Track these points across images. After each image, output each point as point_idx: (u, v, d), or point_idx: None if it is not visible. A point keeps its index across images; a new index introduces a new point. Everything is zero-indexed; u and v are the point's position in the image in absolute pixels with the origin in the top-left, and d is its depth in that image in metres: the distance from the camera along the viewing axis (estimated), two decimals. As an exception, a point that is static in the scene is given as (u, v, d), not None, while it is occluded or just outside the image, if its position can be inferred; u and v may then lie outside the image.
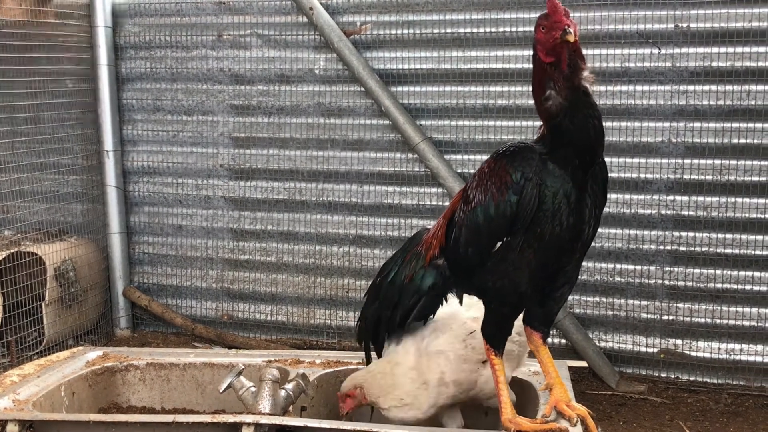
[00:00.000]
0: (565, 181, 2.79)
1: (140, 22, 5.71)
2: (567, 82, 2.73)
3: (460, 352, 3.34)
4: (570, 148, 2.77)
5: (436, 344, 3.36)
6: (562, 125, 2.75)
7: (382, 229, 5.31)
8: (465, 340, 3.35)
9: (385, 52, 5.18)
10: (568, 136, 2.75)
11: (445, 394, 3.35)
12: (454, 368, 3.34)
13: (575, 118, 2.73)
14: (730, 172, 4.64)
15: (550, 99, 2.76)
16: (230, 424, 3.08)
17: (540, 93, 2.79)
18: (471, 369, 3.35)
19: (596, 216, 2.93)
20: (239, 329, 5.67)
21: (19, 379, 3.59)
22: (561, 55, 2.73)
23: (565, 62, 2.73)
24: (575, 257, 2.96)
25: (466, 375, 3.35)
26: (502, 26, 4.93)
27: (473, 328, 3.33)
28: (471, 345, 3.34)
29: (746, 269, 4.66)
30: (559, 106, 2.74)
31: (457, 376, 3.34)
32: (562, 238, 2.84)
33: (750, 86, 4.56)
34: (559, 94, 2.74)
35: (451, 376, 3.34)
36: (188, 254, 5.77)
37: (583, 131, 2.74)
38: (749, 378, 4.71)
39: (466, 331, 3.36)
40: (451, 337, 3.37)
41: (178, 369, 3.98)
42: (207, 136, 5.64)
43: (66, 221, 5.56)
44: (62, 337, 5.32)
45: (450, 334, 3.38)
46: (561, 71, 2.73)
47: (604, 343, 4.95)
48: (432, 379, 3.34)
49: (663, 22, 4.65)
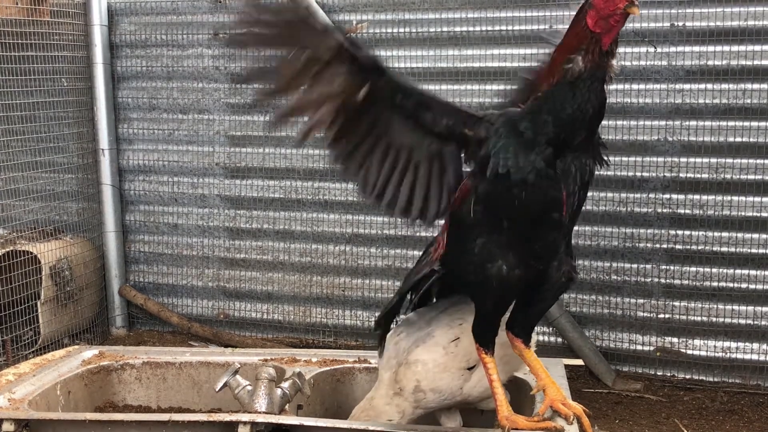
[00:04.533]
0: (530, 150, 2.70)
1: (136, 20, 5.70)
2: (598, 58, 2.64)
3: (440, 360, 3.28)
4: (552, 117, 2.68)
5: (415, 354, 3.30)
6: (563, 91, 2.67)
7: (379, 227, 5.30)
8: (446, 348, 3.29)
9: (381, 50, 5.17)
10: (560, 104, 2.67)
11: (423, 402, 3.31)
12: (431, 377, 3.29)
13: (579, 92, 2.65)
14: (726, 170, 4.65)
15: (572, 62, 2.66)
16: (226, 422, 3.07)
17: (565, 53, 2.70)
18: (453, 376, 3.30)
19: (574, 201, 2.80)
20: (235, 328, 5.67)
21: (15, 378, 3.58)
22: (613, 29, 2.63)
23: (611, 39, 2.64)
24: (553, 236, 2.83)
25: (447, 383, 3.30)
26: (499, 25, 4.93)
27: (457, 335, 3.28)
28: (452, 352, 3.28)
29: (742, 267, 4.66)
30: (577, 73, 2.65)
31: (436, 384, 3.29)
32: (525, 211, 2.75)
33: (746, 85, 4.57)
34: (584, 64, 2.64)
35: (429, 385, 3.29)
36: (184, 253, 5.76)
37: (579, 108, 2.66)
38: (745, 376, 4.72)
39: (449, 339, 3.29)
40: (431, 345, 3.30)
41: (174, 368, 3.97)
42: (203, 134, 5.63)
43: (61, 220, 5.56)
44: (58, 335, 5.31)
45: (431, 342, 3.31)
46: (600, 46, 2.64)
47: (600, 342, 4.95)
48: (407, 387, 3.30)
49: (659, 20, 4.66)
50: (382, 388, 3.37)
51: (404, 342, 3.34)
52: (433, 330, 3.32)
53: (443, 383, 3.30)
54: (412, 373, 3.30)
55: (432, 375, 3.28)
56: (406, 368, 3.31)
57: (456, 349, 3.28)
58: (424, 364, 3.29)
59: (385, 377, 3.36)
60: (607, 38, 2.66)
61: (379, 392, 3.37)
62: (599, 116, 2.74)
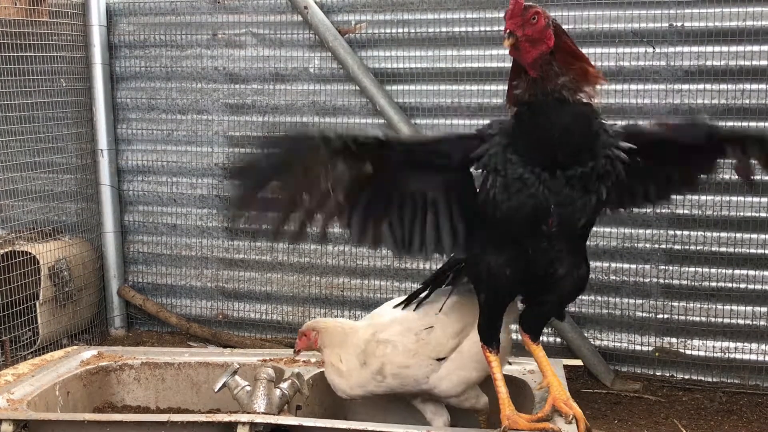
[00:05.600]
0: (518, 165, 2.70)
1: (135, 20, 5.70)
2: (534, 84, 2.64)
3: (410, 346, 3.34)
4: (528, 139, 2.69)
5: (386, 334, 3.38)
6: (522, 115, 2.69)
7: (377, 228, 5.30)
8: (418, 334, 3.35)
9: (380, 50, 5.18)
10: (525, 128, 2.68)
11: (383, 385, 3.37)
12: (398, 361, 3.34)
13: (536, 117, 2.64)
14: (725, 170, 4.64)
15: (519, 88, 2.68)
16: (225, 423, 3.07)
17: (512, 78, 2.73)
18: (421, 363, 3.34)
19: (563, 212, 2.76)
20: (234, 328, 5.67)
21: (14, 378, 3.58)
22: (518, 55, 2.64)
23: (528, 63, 2.63)
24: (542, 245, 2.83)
25: (413, 369, 3.34)
26: (497, 25, 4.93)
27: (431, 324, 3.35)
28: (425, 340, 3.34)
29: (741, 268, 4.67)
30: (521, 98, 2.67)
31: (398, 369, 3.34)
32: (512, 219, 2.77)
33: (744, 85, 4.57)
34: (526, 91, 2.65)
35: (392, 369, 3.35)
36: (183, 253, 5.76)
37: (542, 131, 2.65)
38: (744, 376, 4.72)
39: (423, 325, 3.37)
40: (405, 329, 3.38)
41: (173, 368, 3.97)
42: (202, 134, 5.63)
43: (60, 220, 5.55)
44: (57, 336, 5.31)
45: (406, 326, 3.39)
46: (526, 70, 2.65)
47: (599, 342, 4.95)
48: (372, 365, 3.36)
49: (657, 21, 4.66)
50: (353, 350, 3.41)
51: (387, 317, 3.46)
52: (410, 315, 3.42)
53: (408, 370, 3.34)
54: (381, 353, 3.35)
55: (399, 359, 3.34)
56: (376, 346, 3.37)
57: (428, 337, 3.34)
58: (394, 346, 3.35)
59: (360, 342, 3.40)
60: (525, 63, 2.65)
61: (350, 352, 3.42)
62: (571, 133, 2.66)
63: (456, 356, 3.36)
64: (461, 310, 3.39)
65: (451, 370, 3.35)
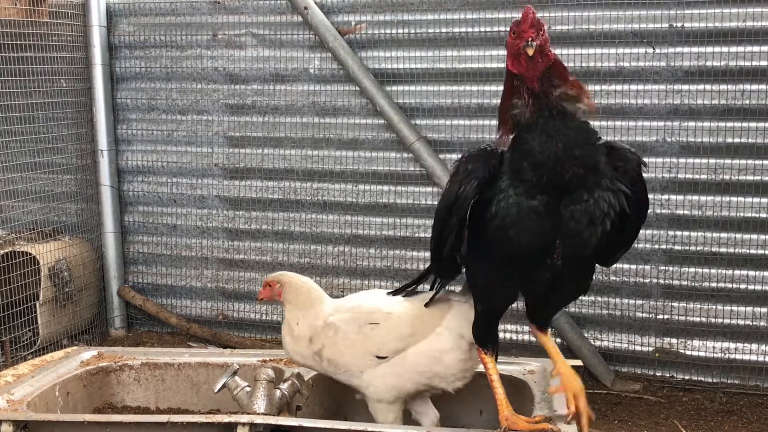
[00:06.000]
0: (519, 195, 2.66)
1: (135, 21, 5.70)
2: (536, 100, 2.62)
3: (351, 336, 3.32)
4: (527, 163, 2.64)
5: (336, 317, 3.37)
6: (523, 139, 2.64)
7: (377, 228, 5.30)
8: (361, 327, 3.32)
9: (380, 51, 5.18)
10: (527, 152, 2.63)
11: (320, 367, 3.39)
12: (337, 348, 3.33)
13: (539, 136, 2.60)
14: (725, 171, 4.65)
15: (515, 107, 2.66)
16: (225, 423, 3.07)
17: (506, 99, 2.70)
18: (357, 356, 3.31)
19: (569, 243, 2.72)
20: (234, 329, 5.67)
21: (14, 379, 3.58)
22: (530, 67, 2.61)
23: (535, 77, 2.61)
24: (546, 276, 2.82)
25: (348, 360, 3.33)
26: (497, 26, 4.93)
27: (378, 321, 3.31)
28: (366, 334, 3.31)
29: (741, 268, 4.67)
30: (521, 117, 2.64)
31: (335, 355, 3.33)
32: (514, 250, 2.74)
33: (744, 85, 4.57)
34: (527, 109, 2.63)
35: (329, 353, 3.34)
36: (183, 254, 5.76)
37: (546, 150, 2.59)
38: (744, 377, 4.72)
39: (368, 320, 3.33)
40: (351, 318, 3.35)
41: (173, 369, 3.97)
42: (202, 135, 5.63)
43: (60, 221, 5.55)
44: (56, 336, 5.31)
45: (354, 315, 3.36)
46: (528, 87, 2.63)
47: (599, 342, 4.95)
48: (315, 344, 3.36)
49: (657, 21, 4.66)
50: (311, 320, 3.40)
51: (352, 301, 3.46)
52: (370, 305, 3.40)
53: (344, 359, 3.33)
54: (324, 335, 3.35)
55: (337, 346, 3.33)
56: (323, 327, 3.36)
57: (371, 332, 3.31)
58: (335, 332, 3.34)
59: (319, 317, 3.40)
60: (531, 76, 2.63)
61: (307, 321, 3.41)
62: (573, 152, 2.61)
63: (397, 360, 3.29)
64: (420, 317, 3.32)
65: (387, 373, 3.29)
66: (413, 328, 3.29)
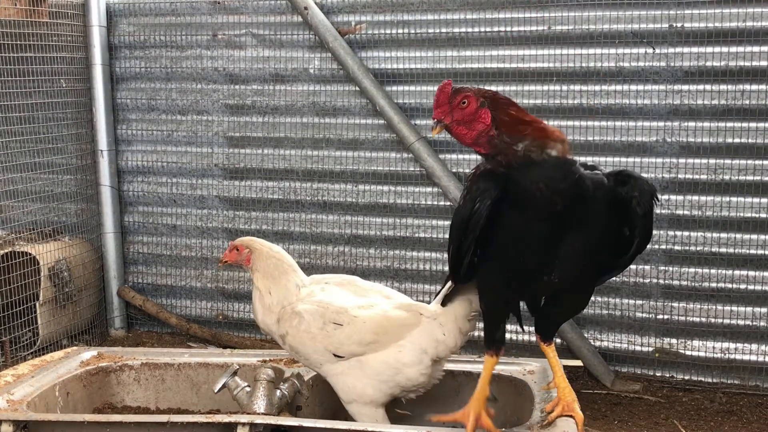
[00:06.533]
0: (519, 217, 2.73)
1: (135, 21, 5.70)
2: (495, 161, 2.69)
3: (313, 330, 3.33)
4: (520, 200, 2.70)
5: (303, 307, 3.36)
6: (511, 176, 2.70)
7: (377, 228, 5.30)
8: (325, 324, 3.33)
9: (379, 51, 5.18)
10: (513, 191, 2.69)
11: (284, 348, 3.44)
12: (299, 337, 3.35)
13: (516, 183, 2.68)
14: (725, 171, 4.65)
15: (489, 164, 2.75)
16: (225, 424, 3.07)
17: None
18: (317, 350, 3.34)
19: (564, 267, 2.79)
20: (234, 329, 5.67)
21: (13, 379, 3.58)
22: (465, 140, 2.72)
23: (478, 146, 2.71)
24: (550, 289, 2.91)
25: (307, 351, 3.36)
26: (497, 26, 4.93)
27: (342, 322, 3.31)
28: (327, 332, 3.32)
29: (741, 268, 4.67)
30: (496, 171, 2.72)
31: (297, 344, 3.36)
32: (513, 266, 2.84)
33: (744, 86, 4.57)
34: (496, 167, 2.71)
35: (292, 340, 3.36)
36: (183, 254, 5.76)
37: (530, 189, 2.65)
38: (744, 377, 4.72)
39: (334, 320, 3.33)
40: (318, 313, 3.35)
41: (173, 369, 3.97)
42: (201, 135, 5.63)
43: (60, 221, 5.55)
44: (56, 337, 5.31)
45: (319, 309, 3.35)
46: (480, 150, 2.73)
47: (599, 343, 4.95)
48: (281, 327, 3.38)
49: (657, 21, 4.66)
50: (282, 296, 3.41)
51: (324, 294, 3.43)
52: (341, 301, 3.40)
53: (305, 349, 3.36)
54: (289, 322, 3.36)
55: (299, 336, 3.35)
56: (290, 312, 3.37)
57: (333, 331, 3.32)
58: (299, 322, 3.35)
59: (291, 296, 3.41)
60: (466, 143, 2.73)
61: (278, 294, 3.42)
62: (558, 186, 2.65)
63: (355, 363, 3.32)
64: (385, 327, 3.33)
65: (344, 373, 3.33)
66: (376, 336, 3.31)
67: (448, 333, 3.32)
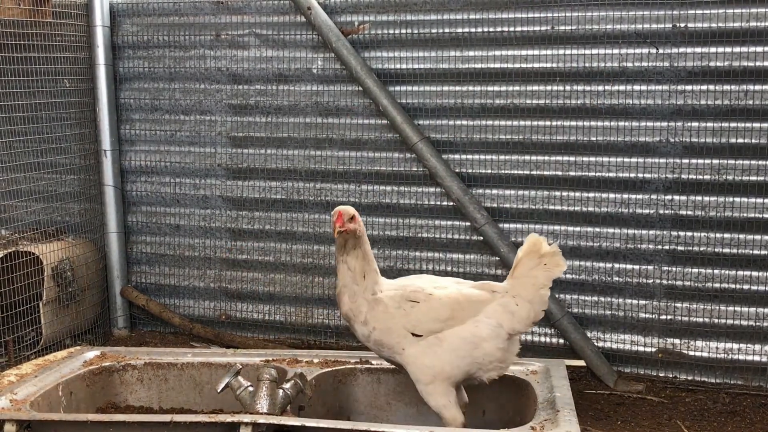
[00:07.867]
0: None
1: (138, 21, 5.71)
2: None
3: (390, 309, 3.42)
4: None
5: (384, 293, 3.45)
6: None
7: (380, 228, 5.30)
8: (402, 303, 3.42)
9: (383, 51, 5.18)
10: None
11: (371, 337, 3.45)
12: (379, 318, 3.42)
13: None
14: (728, 171, 4.65)
15: None
16: (228, 423, 3.07)
17: None
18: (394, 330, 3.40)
19: None
20: (237, 329, 5.67)
21: (17, 378, 3.59)
22: None
23: None
24: None
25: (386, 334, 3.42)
26: (500, 26, 4.93)
27: (419, 300, 3.41)
28: (405, 310, 3.41)
29: (744, 269, 4.66)
30: None
31: (379, 327, 3.42)
32: None
33: (748, 86, 4.56)
34: None
35: (376, 323, 3.42)
36: (186, 254, 5.77)
37: None
38: (747, 377, 4.71)
39: (410, 298, 3.44)
40: (397, 293, 3.46)
41: (176, 369, 3.98)
42: (205, 135, 5.64)
43: (63, 221, 5.56)
44: (60, 336, 5.32)
45: (401, 291, 3.46)
46: None
47: (602, 343, 4.95)
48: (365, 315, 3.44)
49: (661, 21, 4.66)
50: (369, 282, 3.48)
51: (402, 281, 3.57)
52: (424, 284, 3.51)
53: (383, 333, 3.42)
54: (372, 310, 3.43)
55: (379, 317, 3.42)
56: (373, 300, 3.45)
57: (409, 309, 3.41)
58: (377, 304, 3.43)
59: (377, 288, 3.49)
60: None
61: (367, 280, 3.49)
62: None
63: (433, 340, 3.38)
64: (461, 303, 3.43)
65: (423, 353, 3.38)
66: (452, 312, 3.40)
67: (521, 304, 3.41)
